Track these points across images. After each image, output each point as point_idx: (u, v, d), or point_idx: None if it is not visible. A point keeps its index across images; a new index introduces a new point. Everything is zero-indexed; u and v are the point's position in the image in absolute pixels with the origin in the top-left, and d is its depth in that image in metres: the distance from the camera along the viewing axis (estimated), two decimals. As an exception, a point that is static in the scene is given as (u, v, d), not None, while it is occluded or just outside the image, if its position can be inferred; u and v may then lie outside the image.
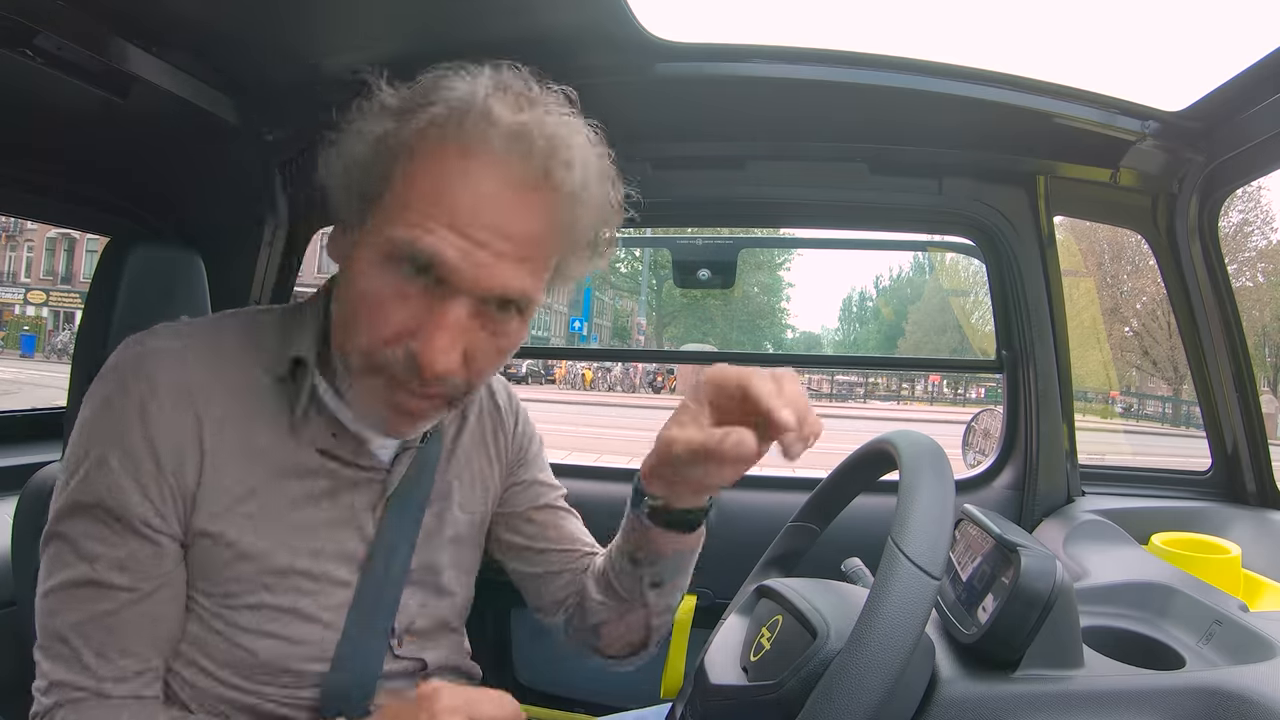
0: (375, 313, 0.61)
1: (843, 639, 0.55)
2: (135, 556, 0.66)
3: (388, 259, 0.60)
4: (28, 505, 0.93)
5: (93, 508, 0.65)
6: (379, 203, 0.62)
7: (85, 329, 1.00)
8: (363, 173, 0.63)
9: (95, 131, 1.16)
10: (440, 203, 0.59)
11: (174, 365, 0.67)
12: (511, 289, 0.61)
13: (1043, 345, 1.35)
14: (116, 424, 0.65)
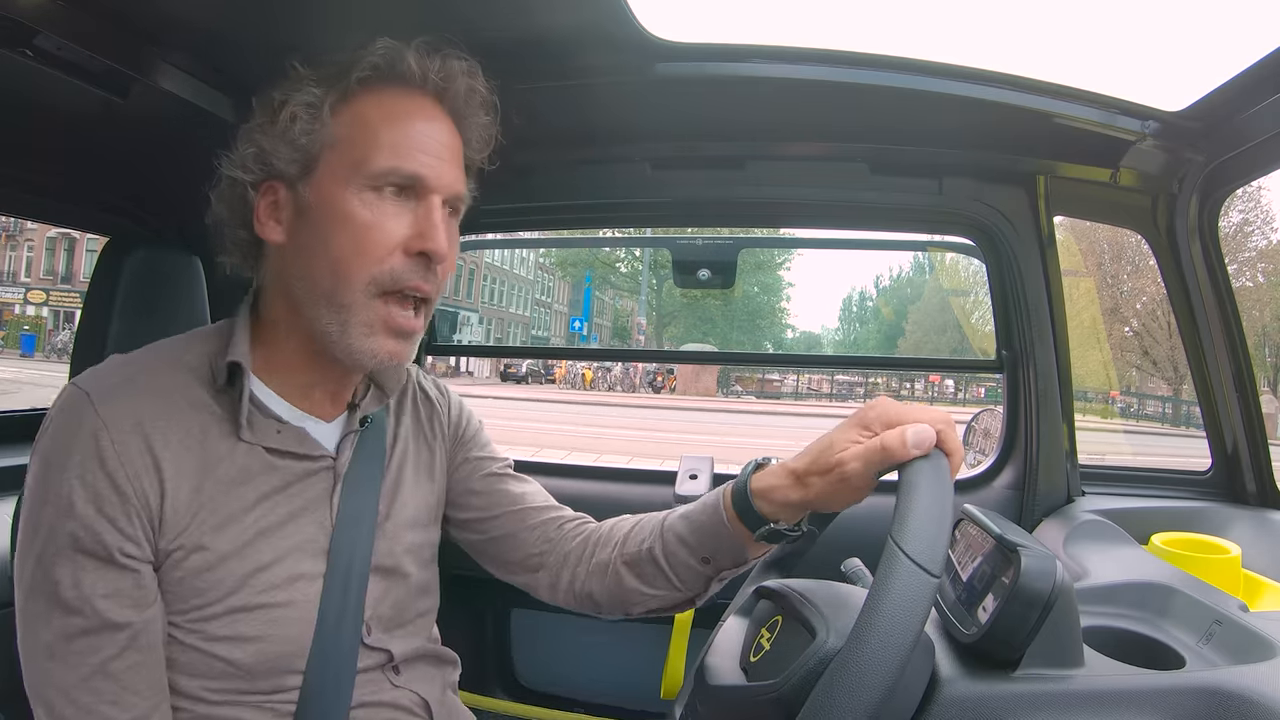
0: (379, 232, 0.72)
1: (842, 637, 0.55)
2: (121, 591, 0.67)
3: (369, 190, 0.72)
4: (28, 505, 0.93)
5: (69, 554, 0.66)
6: (337, 148, 0.73)
7: (85, 329, 1.00)
8: (307, 134, 0.73)
9: (95, 131, 1.16)
10: (400, 132, 0.74)
11: (118, 398, 0.70)
12: (459, 188, 0.78)
13: (1043, 345, 1.35)
14: (73, 466, 0.67)
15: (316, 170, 0.74)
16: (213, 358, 0.75)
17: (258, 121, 0.76)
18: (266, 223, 0.76)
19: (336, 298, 0.72)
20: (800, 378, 24.59)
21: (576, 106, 1.18)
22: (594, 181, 1.42)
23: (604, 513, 1.36)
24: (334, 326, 0.73)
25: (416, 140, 0.74)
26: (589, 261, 29.50)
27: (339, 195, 0.72)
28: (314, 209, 0.73)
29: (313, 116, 0.73)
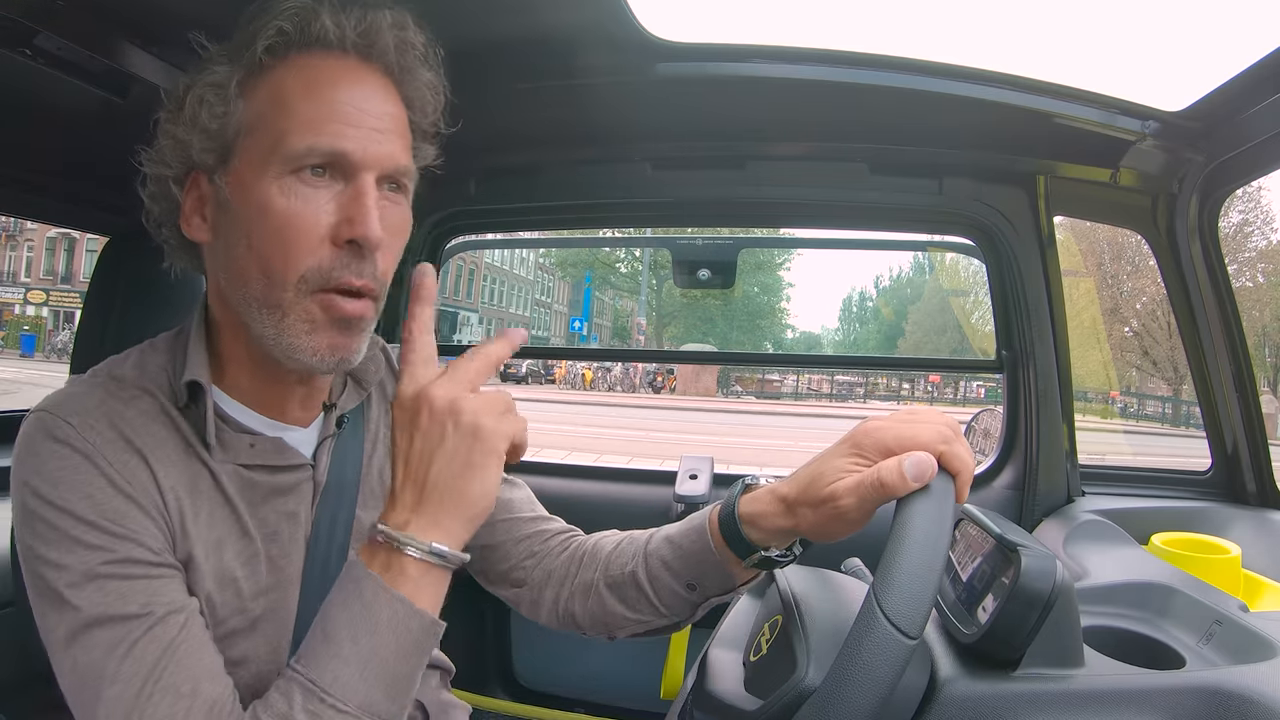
0: (300, 222, 0.63)
1: (821, 672, 0.55)
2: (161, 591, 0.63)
3: (288, 175, 0.63)
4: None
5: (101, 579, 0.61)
6: (252, 132, 0.65)
7: (85, 329, 1.01)
8: (217, 118, 0.66)
9: (95, 131, 1.16)
10: (320, 102, 0.64)
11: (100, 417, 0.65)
12: (399, 160, 0.67)
13: (1043, 345, 1.35)
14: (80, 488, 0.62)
15: (232, 158, 0.66)
16: (170, 373, 0.69)
17: (169, 110, 0.68)
18: (192, 220, 0.69)
19: (268, 299, 0.65)
20: (800, 378, 24.61)
21: (577, 106, 1.18)
22: (594, 181, 1.42)
23: (604, 513, 1.35)
24: (270, 329, 0.66)
25: (338, 111, 0.64)
26: (589, 261, 29.51)
27: (256, 184, 0.64)
28: (233, 202, 0.65)
29: (220, 98, 0.65)
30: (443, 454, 0.58)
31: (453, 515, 0.58)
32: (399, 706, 0.59)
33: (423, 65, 0.70)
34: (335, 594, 0.59)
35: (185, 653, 0.60)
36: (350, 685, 0.57)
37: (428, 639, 0.59)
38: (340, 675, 0.57)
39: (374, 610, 0.57)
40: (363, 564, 0.59)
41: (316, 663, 0.57)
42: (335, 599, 0.59)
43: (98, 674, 0.58)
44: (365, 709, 0.57)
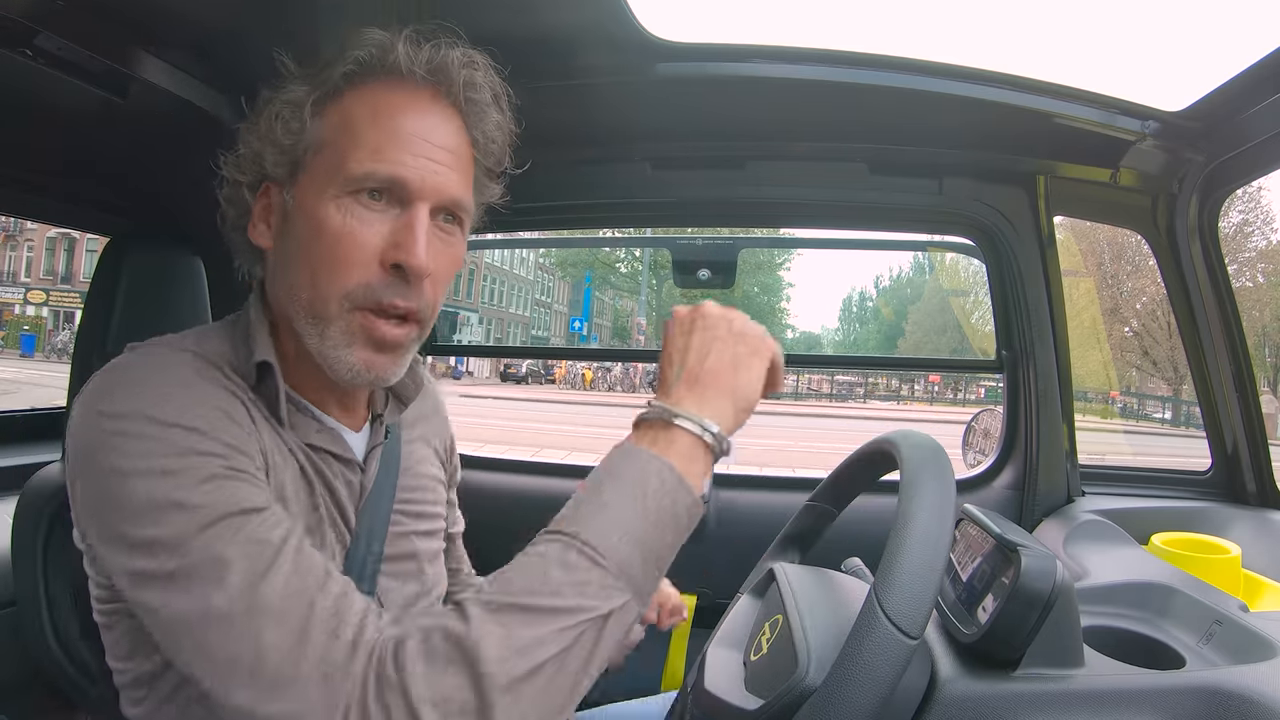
0: (351, 243, 0.66)
1: (822, 672, 0.55)
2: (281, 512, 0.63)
3: (347, 196, 0.67)
4: (28, 505, 0.93)
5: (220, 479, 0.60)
6: (320, 150, 0.69)
7: (85, 329, 1.00)
8: (291, 135, 0.69)
9: (95, 131, 1.16)
10: (384, 131, 0.67)
11: (195, 365, 0.66)
12: (456, 194, 0.70)
13: (1043, 345, 1.35)
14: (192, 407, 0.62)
15: (301, 174, 0.70)
16: (231, 356, 0.70)
17: (250, 122, 0.73)
18: (258, 226, 0.73)
19: (314, 309, 0.68)
20: (800, 378, 24.58)
21: (577, 106, 1.18)
22: (594, 181, 1.42)
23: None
24: (314, 339, 0.69)
25: (403, 140, 0.67)
26: (589, 261, 29.50)
27: (317, 201, 0.67)
28: (295, 215, 0.69)
29: (295, 116, 0.69)
30: (717, 348, 0.65)
31: (724, 399, 0.63)
32: (651, 583, 0.58)
33: (493, 105, 0.74)
34: (602, 465, 0.61)
35: (307, 544, 0.60)
36: (611, 543, 0.56)
37: (688, 518, 0.60)
38: (603, 530, 0.57)
39: (644, 477, 0.59)
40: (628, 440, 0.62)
41: (578, 520, 0.57)
42: (602, 469, 0.61)
43: (224, 562, 0.56)
44: (622, 570, 0.56)
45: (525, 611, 0.54)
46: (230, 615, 0.54)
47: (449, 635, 0.53)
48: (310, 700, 0.53)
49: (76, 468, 0.62)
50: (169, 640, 0.57)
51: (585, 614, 0.55)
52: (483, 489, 1.56)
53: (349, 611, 0.56)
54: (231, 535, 0.57)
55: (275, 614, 0.55)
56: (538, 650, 0.53)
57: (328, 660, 0.54)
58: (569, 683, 0.55)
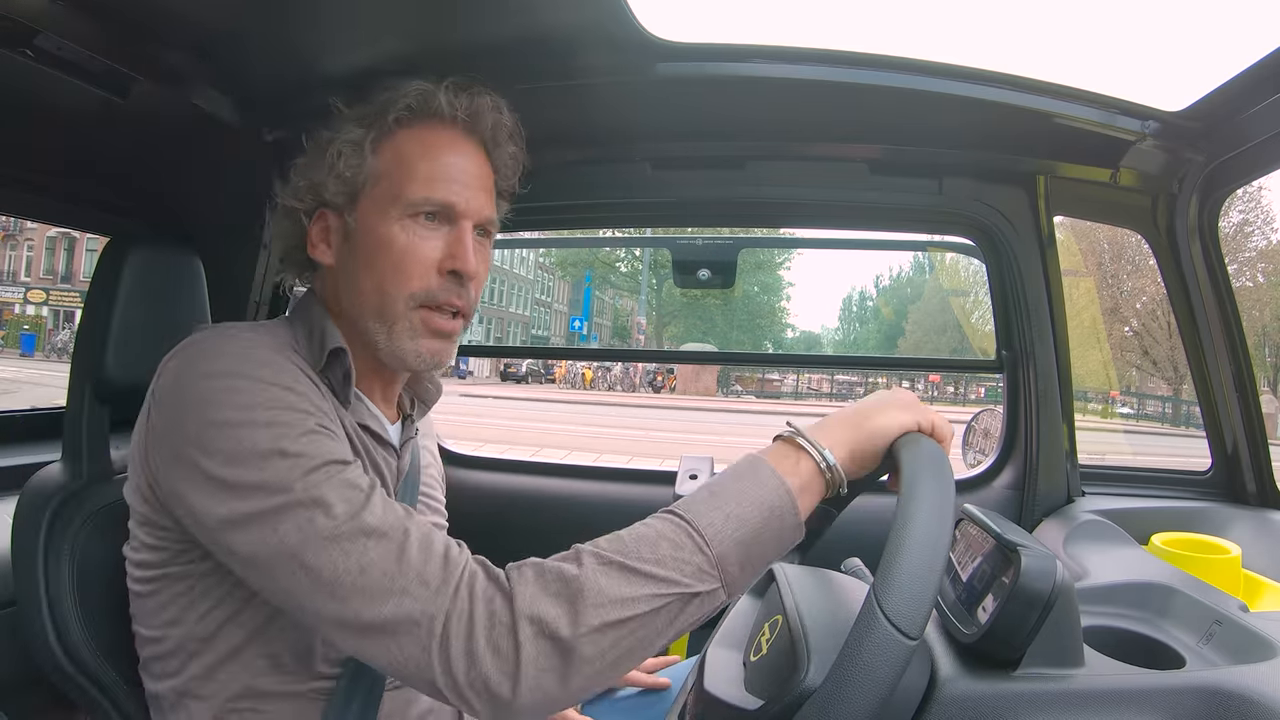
0: (415, 255, 0.80)
1: (822, 672, 0.55)
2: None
3: (407, 218, 0.80)
4: (28, 505, 0.93)
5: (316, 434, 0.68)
6: (378, 181, 0.82)
7: (85, 329, 1.00)
8: (352, 169, 0.82)
9: (95, 131, 1.16)
10: (433, 164, 0.81)
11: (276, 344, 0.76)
12: (489, 213, 0.85)
13: (1043, 345, 1.35)
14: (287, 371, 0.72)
15: (361, 200, 0.82)
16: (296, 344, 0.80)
17: (309, 158, 0.85)
18: (319, 245, 0.85)
19: (382, 312, 0.80)
20: (800, 377, 24.60)
21: (577, 106, 1.18)
22: (594, 181, 1.42)
23: (604, 513, 1.35)
24: (381, 335, 0.81)
25: (448, 171, 0.81)
26: (589, 261, 29.51)
27: (380, 223, 0.80)
28: (359, 235, 0.82)
29: (356, 153, 0.82)
30: (873, 400, 0.74)
31: (850, 439, 0.70)
32: (741, 582, 0.66)
33: (510, 140, 0.88)
34: (730, 469, 0.69)
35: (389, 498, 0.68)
36: (719, 537, 0.64)
37: (788, 538, 0.67)
38: (714, 523, 0.64)
39: (763, 489, 0.67)
40: (757, 453, 0.70)
41: (694, 508, 0.65)
42: (729, 472, 0.69)
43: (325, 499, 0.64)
44: (720, 562, 0.64)
45: (630, 571, 0.62)
46: (336, 537, 0.62)
47: (563, 573, 0.62)
48: (410, 608, 0.61)
49: (172, 422, 0.69)
50: (266, 574, 0.64)
51: (679, 588, 0.62)
52: (479, 488, 1.56)
53: (438, 537, 0.65)
54: (328, 479, 0.65)
55: (376, 534, 0.63)
56: (630, 605, 0.61)
57: (425, 573, 0.62)
58: (645, 641, 0.62)
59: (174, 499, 0.69)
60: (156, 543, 0.75)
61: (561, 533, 1.58)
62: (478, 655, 0.59)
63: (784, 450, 0.70)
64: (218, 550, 0.68)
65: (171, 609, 0.76)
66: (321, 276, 0.87)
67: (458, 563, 0.63)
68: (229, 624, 0.75)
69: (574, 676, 0.60)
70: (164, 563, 0.76)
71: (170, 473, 0.69)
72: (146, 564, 0.77)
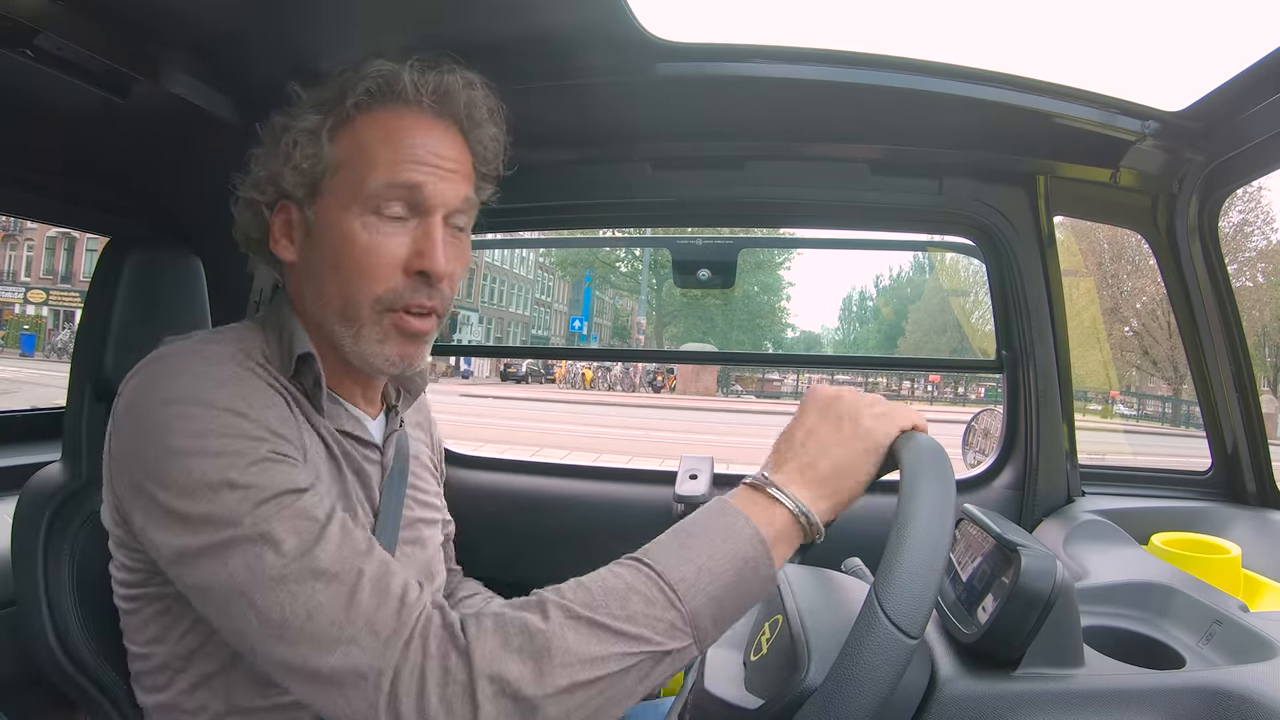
0: (378, 254, 0.74)
1: (822, 672, 0.55)
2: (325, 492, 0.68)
3: (370, 213, 0.74)
4: (28, 505, 0.93)
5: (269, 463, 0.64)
6: (338, 171, 0.75)
7: (84, 329, 1.00)
8: (309, 159, 0.76)
9: (95, 131, 1.16)
10: (396, 147, 0.74)
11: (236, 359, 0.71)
12: (463, 198, 0.78)
13: (1043, 345, 1.35)
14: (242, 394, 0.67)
15: (321, 193, 0.76)
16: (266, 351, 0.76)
17: (266, 146, 0.79)
18: (280, 240, 0.79)
19: (347, 315, 0.76)
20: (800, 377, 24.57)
21: (576, 106, 1.18)
22: (594, 181, 1.42)
23: (603, 513, 1.35)
24: (348, 339, 0.76)
25: (412, 153, 0.75)
26: (589, 261, 29.50)
27: (342, 218, 0.74)
28: (320, 230, 0.76)
29: (312, 141, 0.76)
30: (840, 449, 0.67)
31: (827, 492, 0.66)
32: (713, 636, 0.62)
33: (489, 120, 0.82)
34: (699, 516, 0.65)
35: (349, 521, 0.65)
36: (690, 590, 0.60)
37: (761, 591, 0.63)
38: (687, 577, 0.60)
39: (735, 540, 0.62)
40: (728, 500, 0.66)
41: (664, 559, 0.61)
42: (699, 519, 0.64)
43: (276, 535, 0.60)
44: (694, 618, 0.60)
45: (600, 628, 0.58)
46: (284, 577, 0.58)
47: (527, 627, 0.57)
48: (358, 659, 0.57)
49: (129, 449, 0.66)
50: (218, 609, 0.61)
51: (650, 646, 0.58)
52: (479, 488, 1.56)
53: (394, 578, 0.60)
54: (280, 511, 0.61)
55: (326, 576, 0.59)
56: (600, 665, 0.57)
57: (376, 621, 0.58)
58: (614, 701, 0.58)
59: (134, 526, 0.67)
60: (132, 564, 0.73)
61: (561, 532, 1.59)
62: (429, 715, 0.55)
63: (756, 497, 0.66)
64: (176, 582, 0.65)
65: (153, 627, 0.74)
66: (288, 274, 0.82)
67: (413, 609, 0.59)
68: (209, 644, 0.72)
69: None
70: (141, 583, 0.73)
71: (130, 501, 0.66)
72: (126, 583, 0.75)
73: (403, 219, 0.75)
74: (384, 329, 0.76)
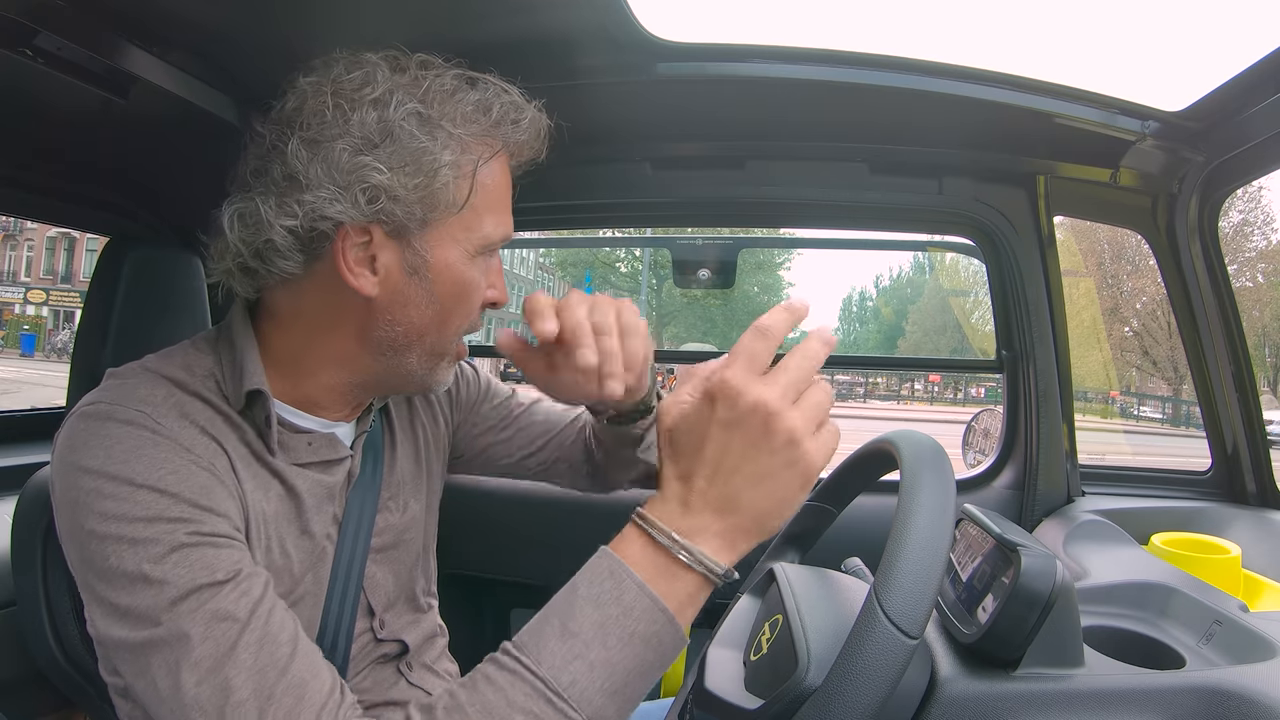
0: (477, 294, 0.74)
1: (822, 672, 0.55)
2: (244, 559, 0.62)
3: (479, 253, 0.72)
4: (27, 505, 0.93)
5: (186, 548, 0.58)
6: (456, 213, 0.69)
7: (84, 329, 1.00)
8: (444, 188, 0.68)
9: (95, 131, 1.16)
10: (503, 201, 0.75)
11: (170, 408, 0.65)
12: None
13: (1043, 345, 1.35)
14: (161, 464, 0.61)
15: (430, 224, 0.68)
16: (219, 377, 0.70)
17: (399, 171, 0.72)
18: (355, 270, 0.68)
19: (436, 348, 0.74)
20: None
21: (576, 106, 1.18)
22: (594, 181, 1.42)
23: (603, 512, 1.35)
24: (422, 367, 0.75)
25: (506, 201, 0.76)
26: (589, 261, 29.48)
27: (457, 257, 0.70)
28: (431, 267, 0.69)
29: (455, 170, 0.68)
30: (758, 473, 0.54)
31: (748, 537, 0.55)
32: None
33: None
34: (586, 588, 0.55)
35: (278, 611, 0.59)
36: (587, 693, 0.52)
37: (669, 658, 0.55)
38: (579, 679, 0.52)
39: (632, 618, 0.54)
40: (620, 560, 0.55)
41: (550, 658, 0.53)
42: (585, 594, 0.55)
43: (190, 641, 0.55)
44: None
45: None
46: (197, 689, 0.54)
47: None
48: None
49: (59, 517, 0.62)
50: (144, 705, 0.58)
51: None
52: (475, 489, 1.56)
53: (310, 693, 0.55)
54: (195, 611, 0.56)
55: (235, 703, 0.54)
56: None
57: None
58: None
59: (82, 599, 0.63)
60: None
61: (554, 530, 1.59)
62: None
63: (657, 559, 0.55)
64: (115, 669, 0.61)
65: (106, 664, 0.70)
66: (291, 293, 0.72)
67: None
68: None
69: None
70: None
71: (74, 569, 0.62)
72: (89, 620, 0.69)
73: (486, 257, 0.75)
74: (454, 357, 0.77)
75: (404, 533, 0.88)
